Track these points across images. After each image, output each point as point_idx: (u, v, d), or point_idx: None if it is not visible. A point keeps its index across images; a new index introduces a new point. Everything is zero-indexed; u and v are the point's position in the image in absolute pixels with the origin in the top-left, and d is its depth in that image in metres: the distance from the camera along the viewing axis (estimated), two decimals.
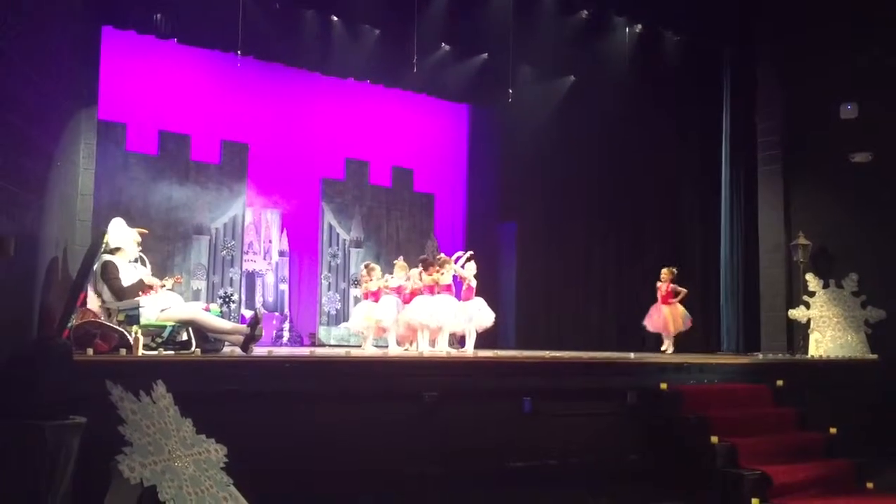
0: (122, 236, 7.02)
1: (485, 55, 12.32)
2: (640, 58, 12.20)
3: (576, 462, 6.96)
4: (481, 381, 6.85)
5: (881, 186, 10.28)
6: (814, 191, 11.06)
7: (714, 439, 6.84)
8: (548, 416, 6.93)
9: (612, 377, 7.50)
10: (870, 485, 7.15)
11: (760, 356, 10.19)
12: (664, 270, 10.78)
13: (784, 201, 11.31)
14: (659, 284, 10.77)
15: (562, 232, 13.51)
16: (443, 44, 11.98)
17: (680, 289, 10.75)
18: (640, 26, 12.13)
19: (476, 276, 9.27)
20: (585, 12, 11.87)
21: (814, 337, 10.40)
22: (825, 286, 10.46)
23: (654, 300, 11.10)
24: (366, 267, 9.68)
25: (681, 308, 10.71)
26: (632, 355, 8.78)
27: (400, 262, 9.60)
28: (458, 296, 9.10)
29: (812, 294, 10.51)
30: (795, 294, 10.82)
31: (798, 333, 10.70)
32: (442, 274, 8.88)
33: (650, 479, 7.05)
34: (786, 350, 10.79)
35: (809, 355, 10.23)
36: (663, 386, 7.38)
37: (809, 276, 10.57)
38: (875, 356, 9.84)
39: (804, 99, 11.19)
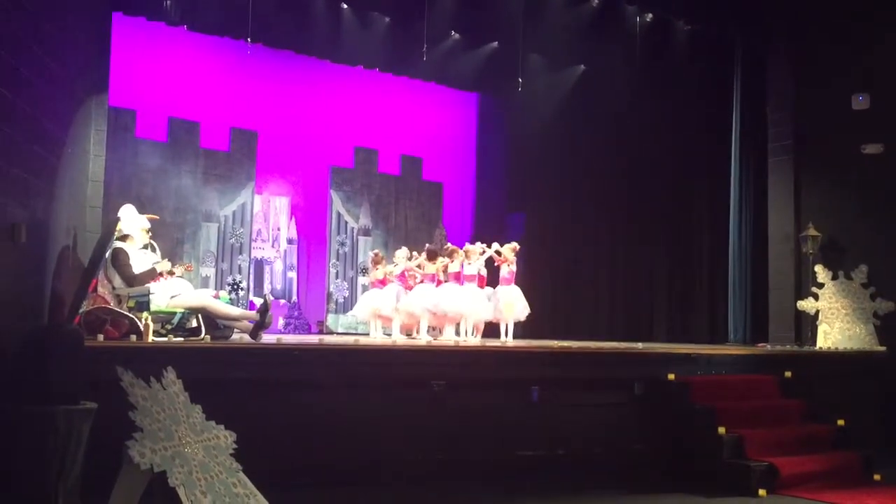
0: (133, 223, 7.06)
1: (494, 44, 12.29)
2: (650, 47, 12.14)
3: (583, 452, 6.98)
4: (489, 371, 6.87)
5: (892, 178, 10.22)
6: (824, 182, 11.01)
7: (721, 430, 6.83)
8: (555, 405, 6.95)
9: (620, 367, 7.50)
10: (877, 477, 7.14)
11: (768, 347, 10.17)
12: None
13: (794, 192, 11.26)
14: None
15: (570, 222, 13.50)
16: (452, 32, 11.95)
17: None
18: (650, 15, 12.05)
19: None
20: (596, 1, 11.81)
21: (822, 328, 10.38)
22: (834, 277, 10.43)
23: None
24: (375, 255, 9.72)
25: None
26: (640, 345, 8.79)
27: (403, 252, 9.66)
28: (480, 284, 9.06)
29: (821, 285, 10.48)
30: (804, 285, 10.79)
31: (806, 325, 10.68)
32: (459, 262, 8.83)
33: (657, 470, 7.07)
34: (794, 341, 10.77)
35: (818, 347, 10.21)
36: (671, 376, 7.38)
37: (818, 268, 10.54)
38: (883, 348, 9.81)
39: (816, 89, 11.13)
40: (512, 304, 8.90)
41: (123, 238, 6.95)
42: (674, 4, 11.79)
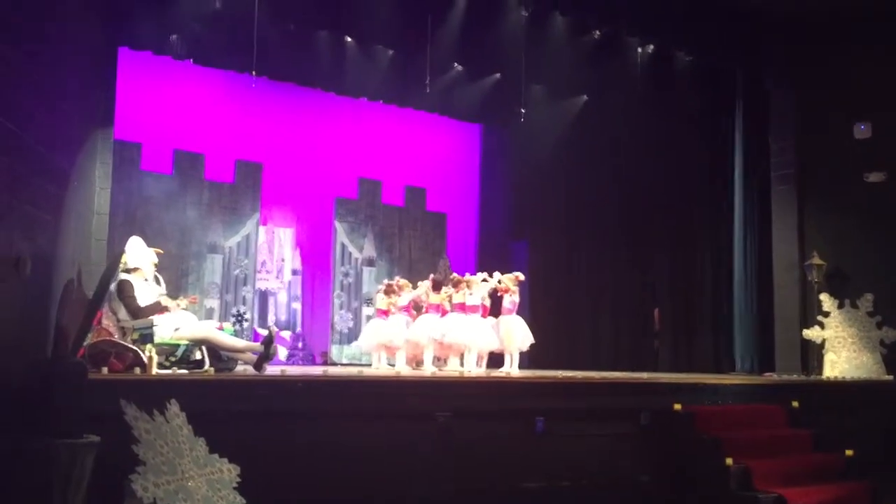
0: (140, 256, 7.07)
1: (497, 75, 12.38)
2: (651, 78, 12.22)
3: (588, 483, 6.91)
4: (494, 402, 6.83)
5: None
6: (828, 210, 11.02)
7: (728, 461, 6.78)
8: (560, 436, 6.90)
9: (625, 397, 7.47)
10: None
11: (775, 377, 10.12)
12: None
13: (798, 221, 11.28)
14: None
15: (573, 251, 13.50)
16: (455, 64, 12.04)
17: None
18: (651, 46, 12.15)
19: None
20: (597, 32, 11.90)
21: (829, 357, 10.33)
22: (840, 306, 10.40)
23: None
24: (388, 286, 9.69)
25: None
26: (645, 375, 8.75)
27: (402, 281, 9.66)
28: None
29: (827, 314, 10.44)
30: (810, 314, 10.76)
31: (813, 354, 10.63)
32: (468, 293, 8.76)
33: (663, 501, 7.00)
34: (800, 371, 10.71)
35: (824, 376, 10.15)
36: (677, 406, 7.33)
37: (824, 296, 10.51)
38: (891, 377, 9.76)
39: (818, 118, 11.18)
40: (512, 334, 8.84)
41: (131, 270, 6.97)
42: (675, 36, 11.88)
